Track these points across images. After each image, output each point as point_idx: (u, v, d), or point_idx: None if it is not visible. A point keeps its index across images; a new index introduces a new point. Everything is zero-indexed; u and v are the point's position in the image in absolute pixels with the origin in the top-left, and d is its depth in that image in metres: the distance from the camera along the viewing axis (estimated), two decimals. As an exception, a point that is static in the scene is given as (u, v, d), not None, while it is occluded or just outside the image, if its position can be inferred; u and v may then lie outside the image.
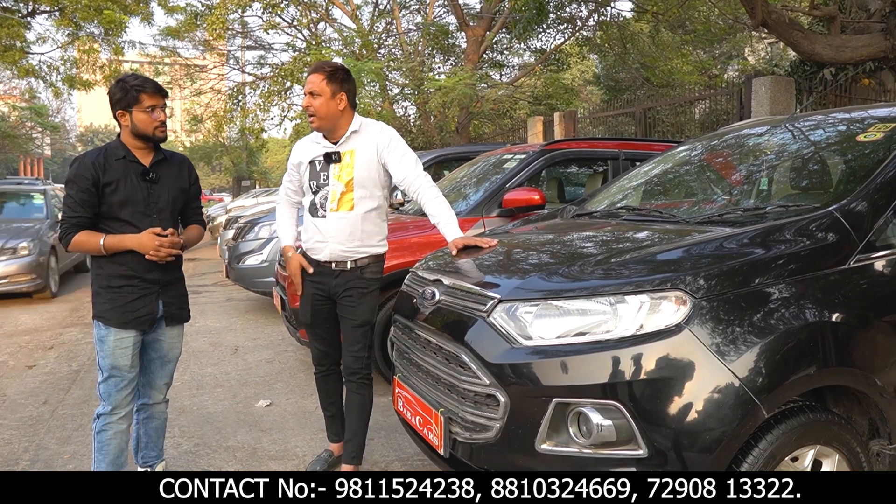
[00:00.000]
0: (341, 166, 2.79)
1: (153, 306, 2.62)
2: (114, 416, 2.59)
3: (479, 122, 15.84)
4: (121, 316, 2.54)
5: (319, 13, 17.50)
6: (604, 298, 1.90)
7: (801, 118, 3.08)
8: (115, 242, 2.50)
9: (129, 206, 2.53)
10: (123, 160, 2.56)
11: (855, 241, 2.04)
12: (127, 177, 2.53)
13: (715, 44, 16.71)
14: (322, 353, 3.06)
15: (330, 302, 2.92)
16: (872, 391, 2.01)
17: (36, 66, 15.66)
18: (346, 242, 2.81)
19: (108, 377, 2.57)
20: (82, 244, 2.50)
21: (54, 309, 7.34)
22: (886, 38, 5.94)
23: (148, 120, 2.52)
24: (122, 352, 2.56)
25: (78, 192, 2.48)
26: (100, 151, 2.57)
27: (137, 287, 2.57)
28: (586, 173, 5.55)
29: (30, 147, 37.48)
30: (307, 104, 2.75)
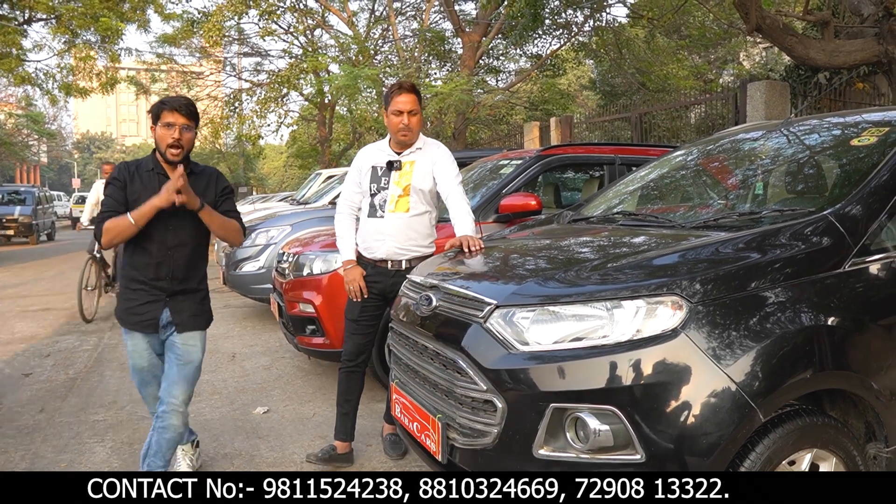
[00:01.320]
0: (401, 174, 3.11)
1: (157, 313, 2.72)
2: (149, 408, 2.88)
3: (476, 127, 15.88)
4: (128, 318, 2.74)
5: (316, 20, 17.55)
6: (600, 303, 1.90)
7: (796, 122, 3.10)
8: (142, 210, 2.55)
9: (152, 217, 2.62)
10: (152, 172, 2.69)
11: (850, 244, 2.05)
12: (151, 188, 2.63)
13: (710, 49, 16.79)
14: (358, 348, 3.24)
15: (380, 300, 3.19)
16: (868, 394, 2.02)
17: (32, 74, 15.67)
18: (401, 241, 3.10)
19: (133, 373, 2.86)
20: (112, 228, 2.58)
21: (51, 317, 7.32)
22: (880, 42, 5.97)
23: (163, 136, 2.62)
24: (138, 354, 2.79)
25: (112, 191, 2.65)
26: (135, 162, 2.76)
27: (148, 292, 2.71)
28: (583, 179, 5.56)
29: (26, 154, 37.43)
30: (407, 122, 3.02)
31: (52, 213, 22.10)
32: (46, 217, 20.88)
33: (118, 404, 4.21)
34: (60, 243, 19.84)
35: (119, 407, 4.15)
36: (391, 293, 3.10)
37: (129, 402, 4.23)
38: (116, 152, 73.40)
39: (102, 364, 5.22)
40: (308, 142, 24.28)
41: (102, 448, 3.50)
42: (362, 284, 3.13)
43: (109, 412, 4.06)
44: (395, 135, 3.08)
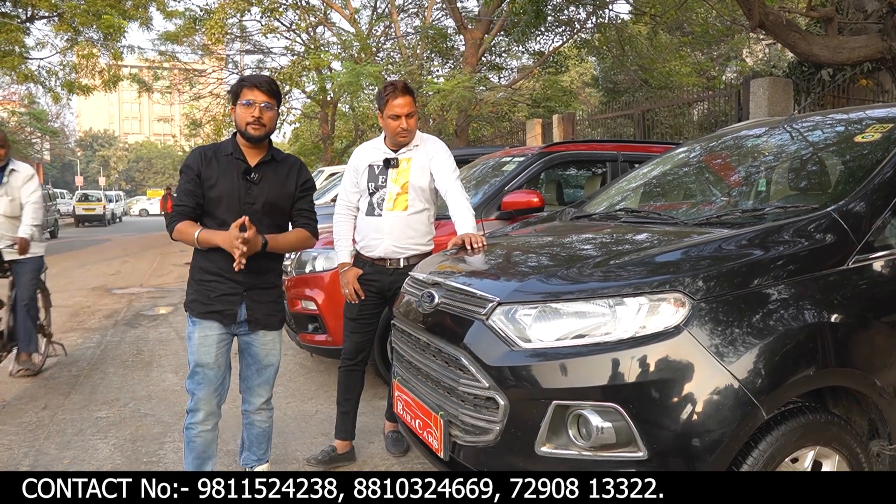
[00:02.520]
0: (398, 171, 3.09)
1: (235, 307, 2.57)
2: (198, 415, 2.58)
3: (478, 124, 15.87)
4: (201, 306, 2.55)
5: (318, 17, 17.54)
6: (602, 300, 1.90)
7: (800, 119, 3.09)
8: (207, 238, 2.47)
9: (224, 203, 2.52)
10: (230, 157, 2.55)
11: (853, 241, 2.04)
12: (228, 173, 2.52)
13: (713, 45, 16.74)
14: (357, 347, 3.23)
15: (379, 298, 3.17)
16: (872, 392, 2.01)
17: (35, 72, 15.70)
18: (399, 239, 3.09)
19: (192, 373, 2.58)
20: (182, 234, 2.49)
21: (53, 314, 7.32)
22: (883, 38, 5.95)
23: (243, 114, 2.50)
24: (206, 349, 2.55)
25: (185, 181, 2.52)
26: (215, 144, 2.63)
27: (223, 283, 2.54)
28: (585, 175, 5.56)
29: (29, 152, 37.46)
30: (407, 125, 3.00)
31: (55, 210, 22.14)
32: (49, 215, 20.90)
33: (121, 401, 4.21)
34: (64, 241, 19.88)
35: (122, 404, 4.16)
36: (390, 291, 3.11)
37: (131, 400, 4.24)
38: (119, 150, 73.56)
39: (105, 361, 5.23)
40: (310, 139, 24.29)
41: (105, 445, 3.51)
42: (357, 287, 3.12)
43: (112, 409, 4.07)
44: (393, 137, 3.06)
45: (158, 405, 4.13)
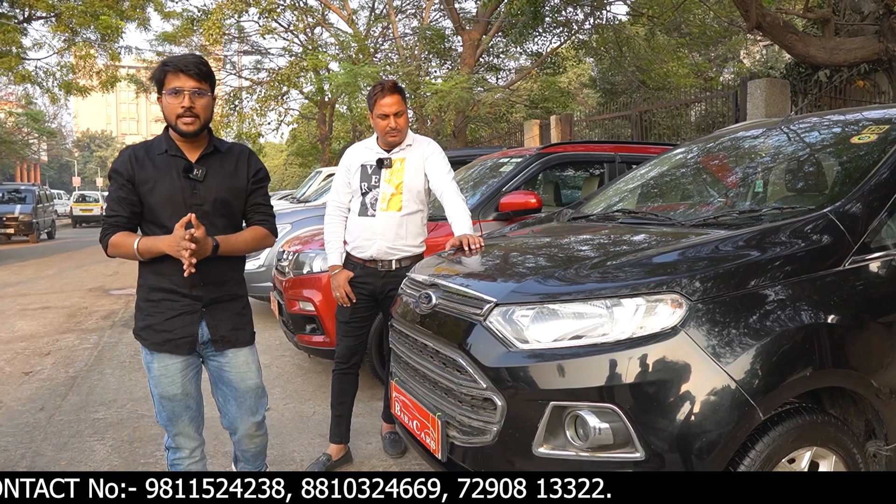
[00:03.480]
0: (392, 171, 3.07)
1: (194, 328, 2.21)
2: (182, 452, 2.31)
3: (476, 125, 15.88)
4: (155, 335, 2.19)
5: (316, 18, 17.54)
6: (600, 301, 1.90)
7: (797, 120, 3.09)
8: (149, 246, 2.10)
9: (168, 208, 2.15)
10: (165, 154, 2.18)
11: (850, 242, 2.05)
12: (167, 174, 2.15)
13: (710, 46, 16.77)
14: (349, 351, 3.20)
15: (371, 301, 3.14)
16: (868, 392, 2.02)
17: (32, 72, 15.67)
18: (392, 240, 3.05)
19: (160, 407, 2.27)
20: (118, 246, 2.14)
21: (51, 315, 7.32)
22: (880, 40, 5.97)
23: (172, 104, 2.11)
24: (170, 380, 2.22)
25: (115, 188, 2.16)
26: (143, 144, 2.23)
27: (177, 303, 2.18)
28: (583, 177, 5.56)
29: (26, 153, 37.46)
30: (395, 124, 2.97)
31: (52, 211, 22.10)
32: (47, 215, 20.89)
33: (118, 402, 4.21)
34: (61, 241, 19.85)
35: (120, 405, 4.16)
36: (381, 294, 3.09)
37: (129, 401, 4.23)
38: (117, 150, 73.43)
39: (103, 362, 5.22)
40: (308, 140, 24.29)
41: (103, 446, 3.50)
42: (348, 290, 3.08)
43: (110, 410, 4.07)
44: (383, 136, 3.03)
45: (156, 406, 4.12)
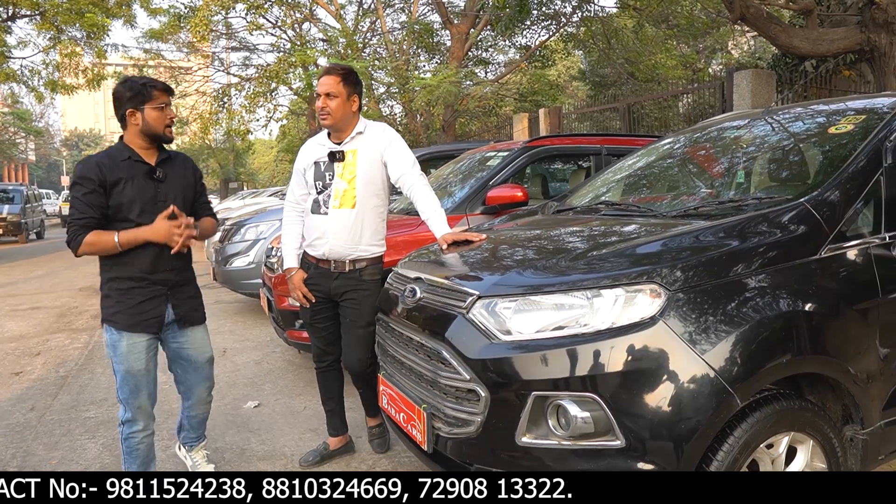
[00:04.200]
0: (345, 165, 2.90)
1: (162, 309, 2.57)
2: (137, 424, 2.57)
3: (465, 119, 15.87)
4: (128, 318, 2.50)
5: (303, 13, 17.45)
6: (581, 293, 1.93)
7: (778, 111, 3.13)
8: (131, 237, 2.43)
9: (137, 205, 2.47)
10: (128, 161, 2.50)
11: (826, 231, 2.08)
12: (133, 177, 2.48)
13: (698, 38, 16.80)
14: (322, 351, 3.16)
15: (329, 302, 3.04)
16: (846, 378, 2.06)
17: (17, 71, 15.52)
18: (346, 239, 2.90)
19: (124, 380, 2.53)
20: (94, 244, 2.42)
21: (40, 316, 7.30)
22: (862, 30, 6.02)
23: (160, 117, 2.50)
24: (136, 356, 2.52)
25: (84, 193, 2.40)
26: (104, 153, 2.53)
27: (146, 289, 2.51)
28: (570, 169, 5.59)
29: (14, 153, 37.16)
30: (323, 105, 2.84)
31: (40, 211, 21.98)
32: (35, 215, 20.76)
33: (109, 401, 4.21)
34: (50, 242, 19.73)
35: (110, 404, 4.16)
36: (336, 295, 2.98)
37: (119, 399, 4.24)
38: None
39: (93, 362, 5.22)
40: (298, 136, 24.21)
41: (94, 444, 3.51)
42: (305, 290, 3.01)
43: (101, 409, 4.07)
44: (319, 120, 2.91)
45: (146, 404, 4.13)
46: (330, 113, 2.84)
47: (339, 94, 2.84)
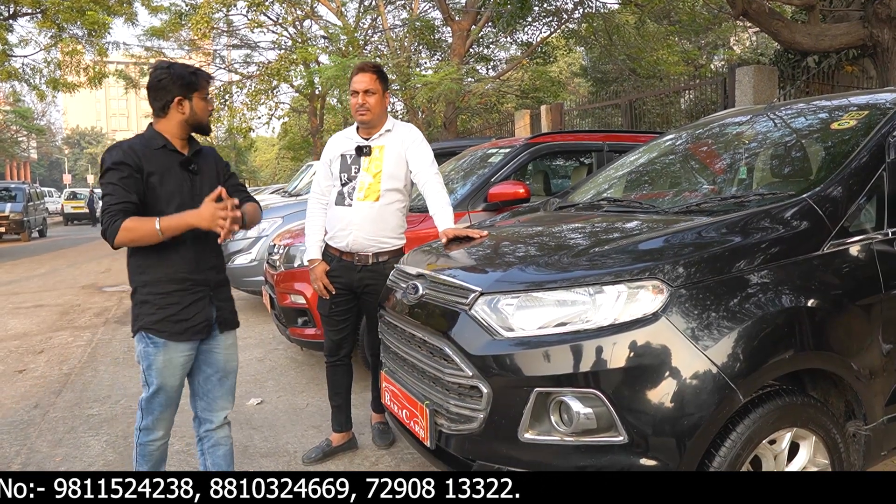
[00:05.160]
0: (371, 159, 2.99)
1: (208, 312, 2.32)
2: (157, 433, 2.37)
3: (467, 116, 15.86)
4: (174, 326, 2.24)
5: (304, 10, 17.44)
6: (583, 289, 1.93)
7: (780, 107, 3.12)
8: (174, 222, 2.14)
9: (175, 198, 2.25)
10: (163, 149, 2.27)
11: (828, 227, 2.08)
12: (170, 167, 2.27)
13: (700, 34, 16.77)
14: (335, 344, 3.19)
15: (350, 294, 3.10)
16: (848, 374, 2.06)
17: (19, 69, 15.54)
18: (368, 232, 2.98)
19: (156, 394, 2.30)
20: (133, 231, 2.12)
21: (43, 313, 7.32)
22: (865, 25, 6.00)
23: (205, 108, 2.34)
24: (172, 371, 2.29)
25: (121, 177, 2.15)
26: (136, 140, 2.29)
27: (189, 291, 2.27)
28: (572, 166, 5.58)
29: (15, 151, 37.19)
30: (362, 101, 2.92)
31: (43, 209, 22.01)
32: (38, 213, 20.79)
33: (112, 398, 4.23)
34: (52, 240, 19.77)
35: (114, 401, 4.17)
36: (358, 288, 3.05)
37: (123, 397, 4.25)
38: (107, 147, 72.95)
39: (96, 359, 5.23)
40: (299, 133, 24.24)
41: (97, 442, 3.52)
42: (326, 282, 3.05)
43: (104, 406, 4.08)
44: (355, 116, 2.97)
45: (150, 401, 4.14)
46: (369, 109, 2.93)
47: (376, 90, 2.94)
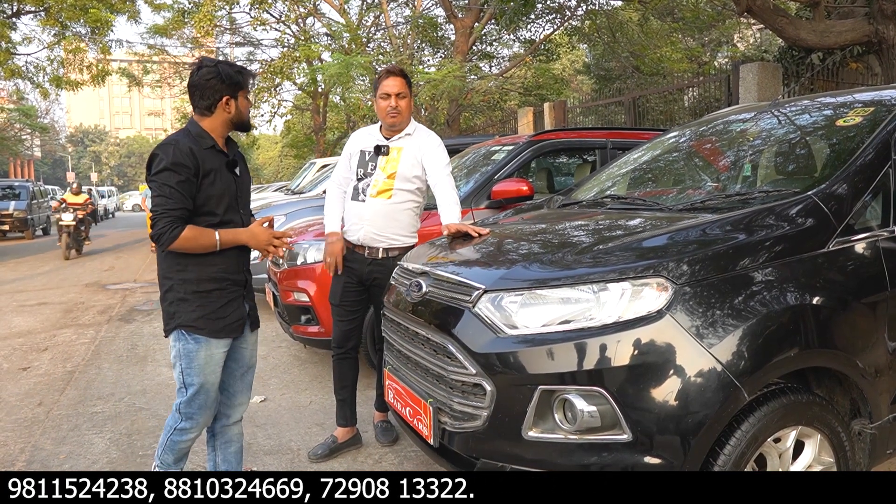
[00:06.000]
0: (388, 159, 3.08)
1: (242, 310, 2.41)
2: (194, 431, 2.42)
3: (470, 114, 15.84)
4: (213, 324, 2.31)
5: (307, 8, 17.43)
6: (587, 286, 1.92)
7: (785, 104, 3.11)
8: (231, 237, 2.29)
9: (225, 199, 2.30)
10: (213, 150, 2.29)
11: (833, 224, 2.07)
12: (219, 168, 2.29)
13: (704, 31, 16.71)
14: (344, 335, 3.22)
15: (360, 286, 3.16)
16: (853, 372, 2.05)
17: (22, 68, 15.56)
18: (379, 228, 3.06)
19: (196, 394, 2.35)
20: (192, 240, 2.20)
21: (47, 311, 7.34)
22: (870, 22, 5.97)
23: (248, 106, 2.40)
24: (213, 368, 2.35)
25: (179, 181, 2.16)
26: (188, 138, 2.27)
27: (227, 290, 2.34)
28: (575, 163, 5.57)
29: (19, 149, 37.25)
30: (395, 104, 3.01)
31: (46, 207, 22.05)
32: (41, 212, 20.84)
33: (116, 396, 4.23)
34: (56, 238, 19.78)
35: (117, 399, 4.18)
36: (368, 280, 3.11)
37: (127, 395, 4.26)
38: (111, 145, 73.12)
39: (100, 357, 5.24)
40: (302, 131, 24.22)
41: (101, 439, 3.53)
42: (339, 259, 3.11)
43: (108, 404, 4.09)
44: (384, 119, 3.06)
45: (153, 399, 4.15)
46: (400, 112, 3.03)
47: (406, 94, 3.04)
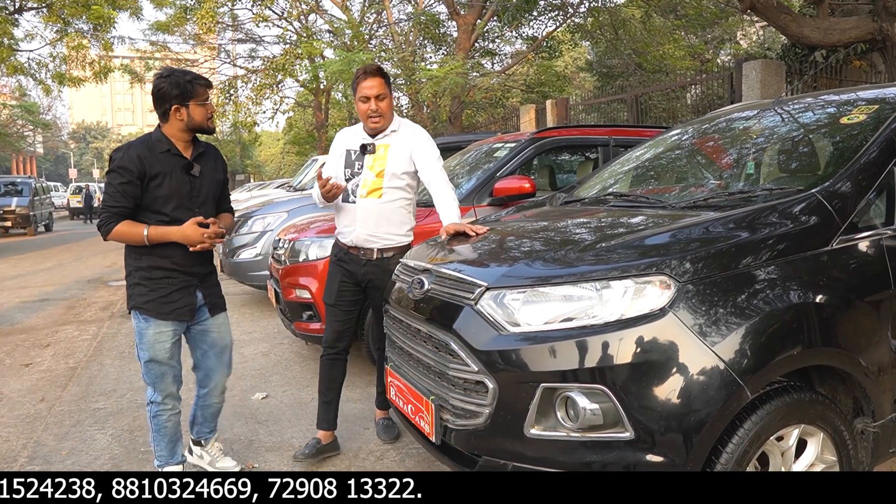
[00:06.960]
0: (375, 158, 3.01)
1: (192, 298, 2.66)
2: (166, 405, 2.69)
3: (472, 111, 15.82)
4: (160, 307, 2.58)
5: (310, 5, 17.41)
6: (589, 284, 1.91)
7: (788, 101, 3.10)
8: (160, 235, 2.51)
9: (173, 200, 2.54)
10: (168, 154, 2.55)
11: (837, 222, 2.06)
12: (172, 171, 2.53)
13: (707, 28, 16.66)
14: (336, 335, 3.17)
15: (356, 287, 3.12)
16: (856, 371, 2.04)
17: (24, 64, 15.57)
18: (372, 228, 3.01)
19: (147, 366, 2.64)
20: (123, 234, 2.50)
21: (50, 307, 7.35)
22: (874, 19, 5.95)
23: (204, 112, 2.57)
24: (161, 345, 2.61)
25: (121, 182, 2.47)
26: (143, 143, 2.55)
27: (176, 280, 2.60)
28: (578, 160, 5.56)
29: (22, 145, 37.28)
30: (375, 107, 2.92)
31: (49, 203, 22.10)
32: (44, 208, 20.88)
33: (118, 392, 4.24)
34: (58, 234, 19.84)
35: (119, 395, 4.19)
36: (364, 281, 3.08)
37: (128, 391, 4.26)
38: (113, 142, 73.13)
39: (102, 353, 5.25)
40: (304, 128, 24.22)
41: (103, 435, 3.53)
42: (338, 184, 2.98)
43: (110, 400, 4.10)
44: (365, 122, 3.00)
45: (155, 395, 4.15)
46: (382, 115, 2.96)
47: (386, 94, 2.96)
